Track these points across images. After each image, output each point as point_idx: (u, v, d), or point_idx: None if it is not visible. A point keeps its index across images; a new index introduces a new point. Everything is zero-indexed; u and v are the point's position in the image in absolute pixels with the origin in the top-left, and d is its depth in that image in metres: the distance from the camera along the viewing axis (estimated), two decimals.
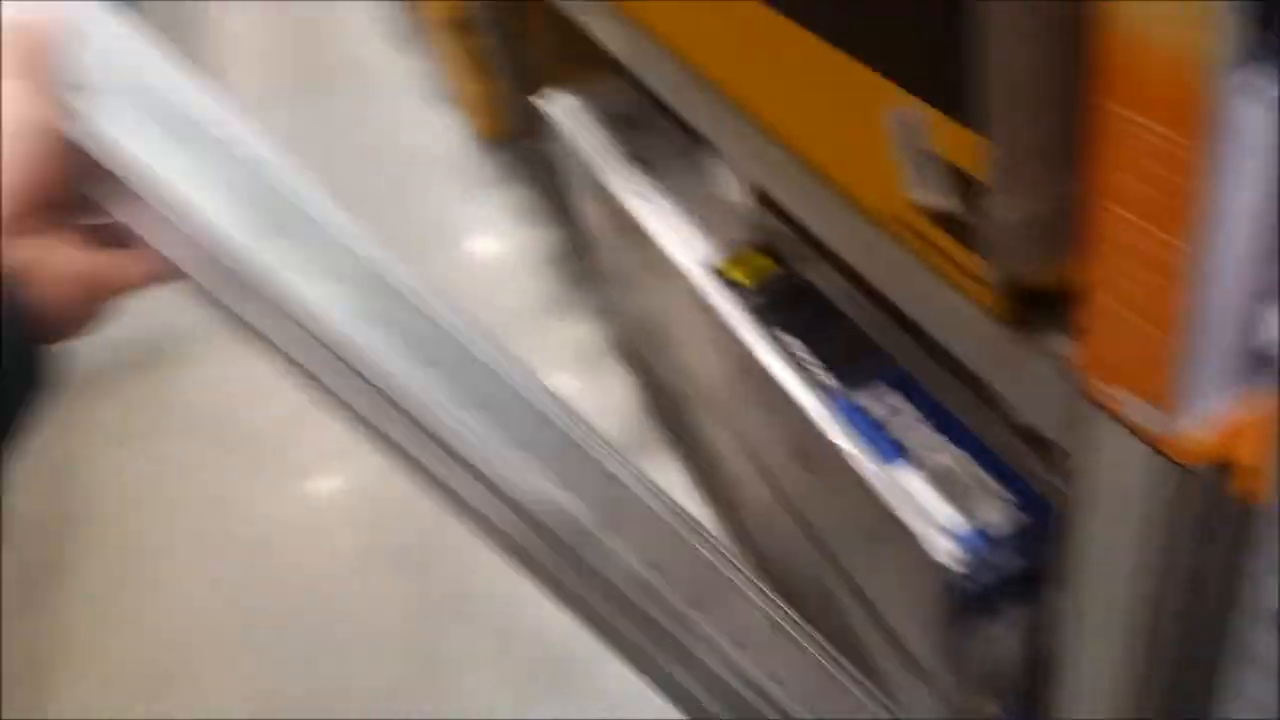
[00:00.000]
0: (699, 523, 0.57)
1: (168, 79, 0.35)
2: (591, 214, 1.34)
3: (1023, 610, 0.71)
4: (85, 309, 0.34)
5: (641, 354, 1.55)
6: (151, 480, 1.75)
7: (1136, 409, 0.39)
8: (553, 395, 0.49)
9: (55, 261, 0.32)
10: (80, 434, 1.84)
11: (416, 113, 2.58)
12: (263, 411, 1.85)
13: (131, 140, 0.33)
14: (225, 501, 1.71)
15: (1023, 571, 0.68)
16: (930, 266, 0.54)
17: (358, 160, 2.38)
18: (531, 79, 2.04)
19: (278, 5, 3.38)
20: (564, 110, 1.27)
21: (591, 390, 1.66)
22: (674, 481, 1.45)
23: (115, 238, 0.35)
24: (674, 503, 0.56)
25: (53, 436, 1.83)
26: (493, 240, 2.12)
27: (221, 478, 1.75)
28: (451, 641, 1.38)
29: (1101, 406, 0.40)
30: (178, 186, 0.34)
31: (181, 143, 0.34)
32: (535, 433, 0.46)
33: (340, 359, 0.39)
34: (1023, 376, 0.49)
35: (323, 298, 0.38)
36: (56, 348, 0.31)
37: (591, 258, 1.56)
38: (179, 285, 0.37)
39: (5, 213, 0.29)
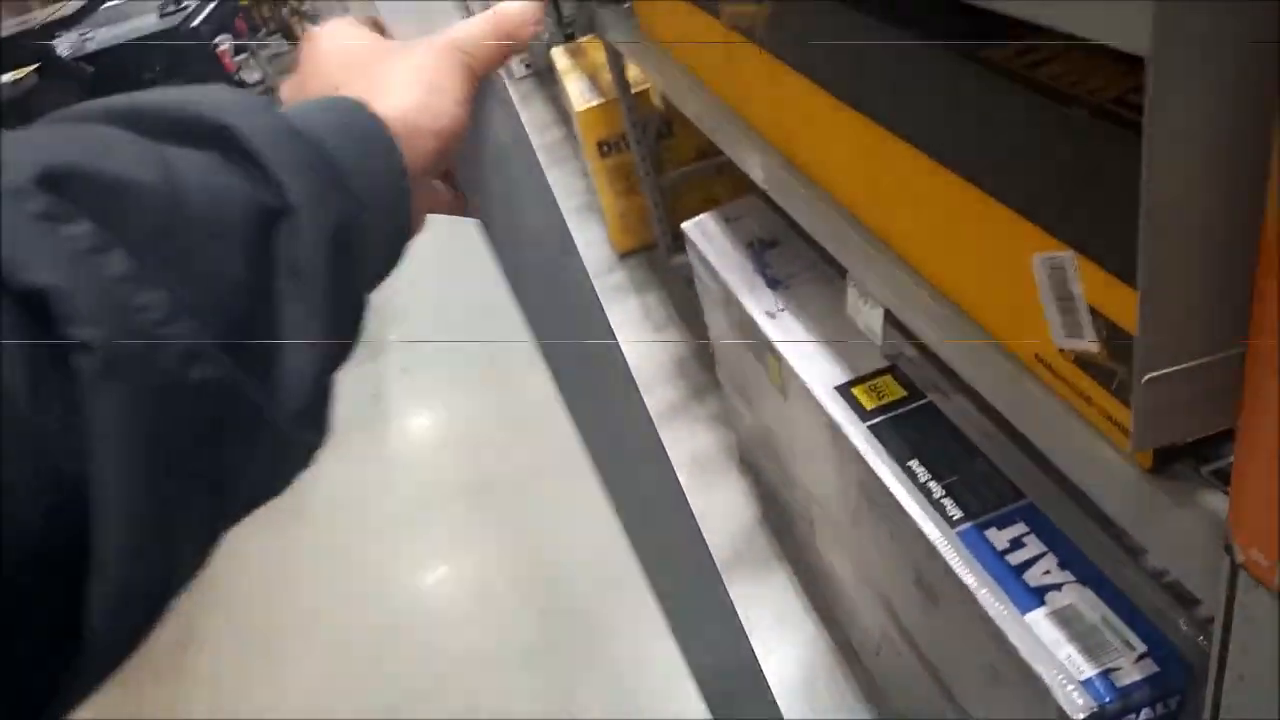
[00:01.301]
0: None
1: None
2: (721, 328, 1.37)
3: None
4: (418, 220, 0.45)
5: (759, 466, 1.56)
6: (286, 563, 1.83)
7: None
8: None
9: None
10: None
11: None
12: (393, 500, 1.92)
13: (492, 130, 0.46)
14: (354, 588, 1.77)
15: None
16: (1071, 409, 0.55)
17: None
18: (672, 197, 2.12)
19: None
20: (703, 229, 1.31)
21: (706, 498, 1.67)
22: (784, 596, 1.44)
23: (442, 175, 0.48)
24: None
25: None
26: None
27: (351, 564, 1.82)
28: None
29: (1249, 572, 0.40)
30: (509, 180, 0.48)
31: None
32: None
33: None
34: (1164, 528, 0.49)
35: None
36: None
37: (716, 370, 1.59)
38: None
39: (441, 154, 0.39)
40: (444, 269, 2.04)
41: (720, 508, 1.63)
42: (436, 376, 2.31)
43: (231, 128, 0.29)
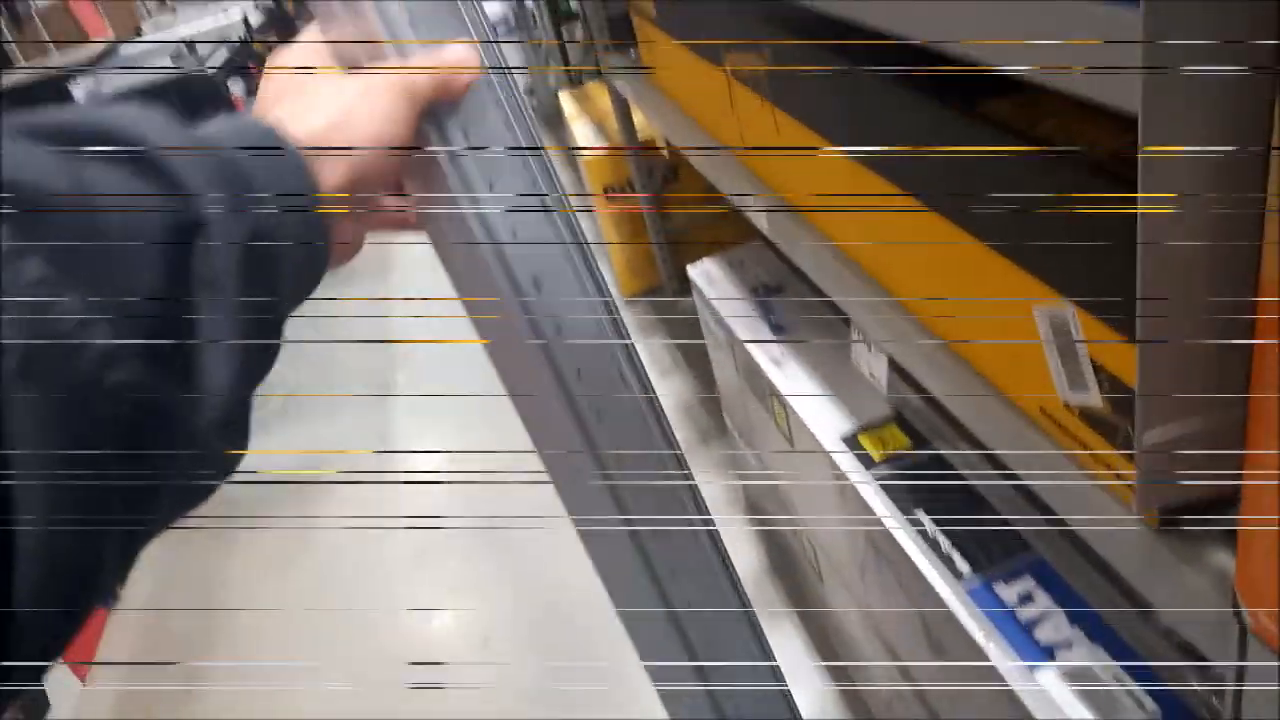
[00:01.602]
0: None
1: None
2: (727, 373, 1.37)
3: None
4: (356, 237, 0.45)
5: (766, 513, 1.54)
6: (289, 605, 1.82)
7: None
8: None
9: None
10: (234, 558, 1.97)
11: None
12: (396, 542, 1.92)
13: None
14: (354, 630, 1.75)
15: None
16: (1077, 463, 0.54)
17: None
18: (677, 242, 2.13)
19: None
20: (707, 273, 1.31)
21: None
22: (791, 645, 1.42)
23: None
24: None
25: (209, 560, 1.96)
26: None
27: (355, 605, 1.81)
28: None
29: (1257, 636, 0.39)
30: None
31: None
32: None
33: None
34: (1172, 586, 0.48)
35: None
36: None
37: (723, 414, 1.58)
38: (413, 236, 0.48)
39: (359, 173, 0.39)
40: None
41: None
42: (442, 419, 2.31)
43: (144, 142, 0.30)
